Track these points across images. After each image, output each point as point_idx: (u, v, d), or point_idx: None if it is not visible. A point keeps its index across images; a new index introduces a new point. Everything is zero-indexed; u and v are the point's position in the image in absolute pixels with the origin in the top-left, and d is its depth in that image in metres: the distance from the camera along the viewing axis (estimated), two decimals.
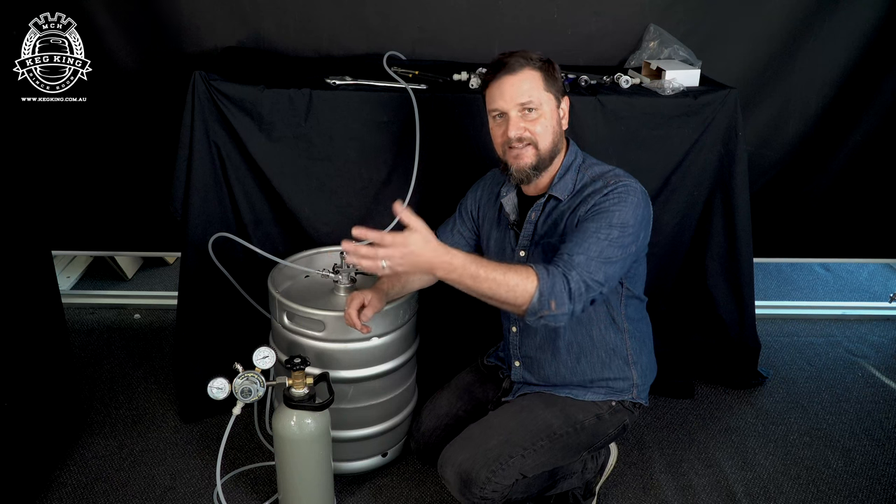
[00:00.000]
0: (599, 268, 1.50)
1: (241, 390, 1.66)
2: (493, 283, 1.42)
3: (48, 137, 2.38)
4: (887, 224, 2.69)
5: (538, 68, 1.60)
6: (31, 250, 1.91)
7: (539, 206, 1.69)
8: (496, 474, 1.59)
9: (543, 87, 1.61)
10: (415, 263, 1.37)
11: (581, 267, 1.48)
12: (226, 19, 2.30)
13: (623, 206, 1.55)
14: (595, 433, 1.73)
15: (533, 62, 1.61)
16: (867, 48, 2.41)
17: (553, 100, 1.63)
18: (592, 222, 1.55)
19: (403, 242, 1.35)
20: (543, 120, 1.61)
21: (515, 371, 1.82)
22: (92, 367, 2.48)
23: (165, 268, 3.21)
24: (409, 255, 1.36)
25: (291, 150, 2.06)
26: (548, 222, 1.67)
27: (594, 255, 1.50)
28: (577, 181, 1.66)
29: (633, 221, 1.56)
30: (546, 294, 1.44)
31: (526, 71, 1.60)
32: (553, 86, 1.63)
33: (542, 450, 1.65)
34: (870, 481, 2.08)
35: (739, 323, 2.38)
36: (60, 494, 1.94)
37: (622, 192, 1.57)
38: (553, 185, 1.67)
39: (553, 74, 1.63)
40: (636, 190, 1.60)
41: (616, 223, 1.54)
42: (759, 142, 2.50)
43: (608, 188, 1.59)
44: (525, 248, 1.71)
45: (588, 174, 1.66)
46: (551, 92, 1.62)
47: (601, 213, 1.56)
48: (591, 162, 1.70)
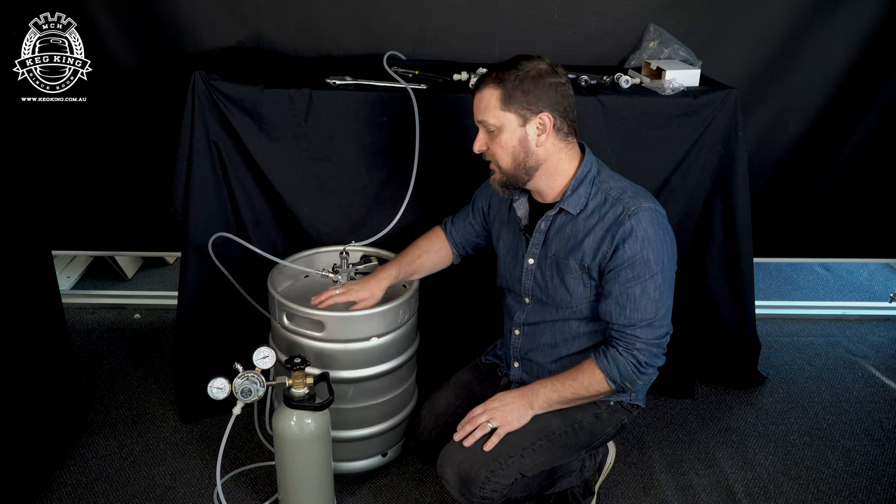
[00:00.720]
0: (662, 322, 1.59)
1: (241, 390, 1.66)
2: (574, 394, 1.64)
3: (48, 137, 2.38)
4: (887, 224, 2.69)
5: (500, 86, 1.54)
6: (31, 250, 1.91)
7: (549, 217, 1.66)
8: (495, 474, 1.59)
9: (500, 106, 1.55)
10: (513, 408, 1.65)
11: (645, 334, 1.57)
12: (226, 19, 2.30)
13: (654, 245, 1.54)
14: (593, 432, 1.73)
15: (495, 80, 1.55)
16: (867, 48, 2.41)
17: (515, 119, 1.55)
18: (636, 280, 1.55)
19: (491, 406, 1.66)
20: (500, 139, 1.58)
21: (514, 371, 1.83)
22: (92, 367, 2.48)
23: (165, 268, 3.21)
24: (505, 408, 1.65)
25: (291, 150, 2.06)
26: (560, 236, 1.65)
27: (651, 315, 1.56)
28: (591, 195, 1.62)
29: (668, 256, 1.57)
30: (618, 381, 1.60)
31: (486, 89, 1.56)
32: (517, 103, 1.54)
33: (541, 449, 1.65)
34: (870, 481, 2.08)
35: (739, 323, 2.38)
36: (60, 494, 1.94)
37: (647, 227, 1.54)
38: (565, 197, 1.62)
39: (522, 89, 1.53)
40: (658, 217, 1.57)
41: (657, 268, 1.55)
42: (759, 142, 2.50)
43: (629, 223, 1.54)
44: (534, 255, 1.69)
45: (603, 190, 1.61)
46: (511, 110, 1.54)
47: (637, 262, 1.54)
48: (607, 175, 1.65)
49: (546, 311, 1.71)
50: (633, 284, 1.55)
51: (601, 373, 1.60)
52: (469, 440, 1.63)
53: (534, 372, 1.78)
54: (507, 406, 1.65)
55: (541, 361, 1.76)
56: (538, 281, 1.69)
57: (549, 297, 1.68)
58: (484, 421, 1.64)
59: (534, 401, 1.65)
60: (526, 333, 1.78)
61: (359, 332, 1.81)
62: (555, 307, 1.68)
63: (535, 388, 1.66)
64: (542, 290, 1.69)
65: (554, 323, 1.70)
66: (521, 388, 1.69)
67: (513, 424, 1.64)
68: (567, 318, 1.68)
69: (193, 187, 2.02)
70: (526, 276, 1.71)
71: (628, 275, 1.56)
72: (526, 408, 1.65)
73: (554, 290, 1.66)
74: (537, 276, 1.69)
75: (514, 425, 1.64)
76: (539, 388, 1.66)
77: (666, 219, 1.61)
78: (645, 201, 1.58)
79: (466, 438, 1.64)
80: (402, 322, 1.89)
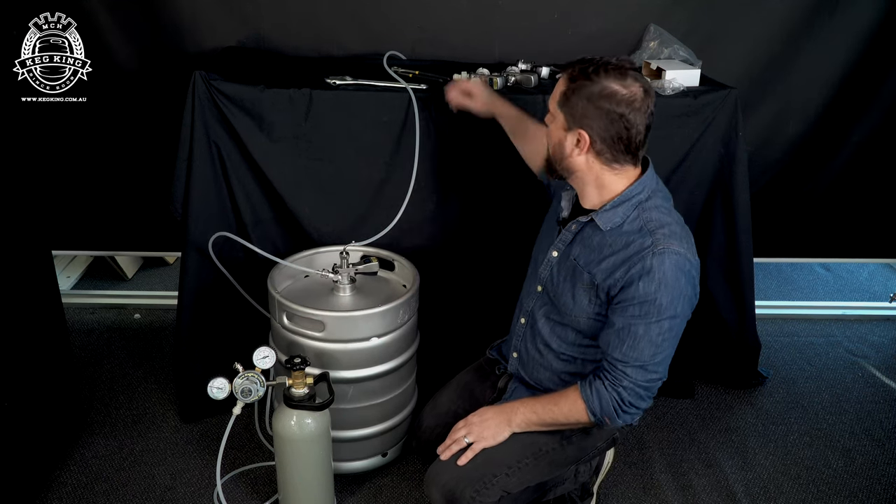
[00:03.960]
0: (657, 367, 1.53)
1: (241, 390, 1.66)
2: (552, 417, 1.63)
3: (48, 137, 2.38)
4: (887, 224, 2.69)
5: (568, 83, 1.49)
6: (31, 250, 1.91)
7: (580, 222, 1.61)
8: (480, 493, 1.58)
9: (558, 100, 1.52)
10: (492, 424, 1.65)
11: (635, 374, 1.52)
12: (226, 19, 2.30)
13: (670, 290, 1.46)
14: (582, 447, 1.72)
15: (570, 75, 1.49)
16: (867, 48, 2.41)
17: (561, 119, 1.52)
18: (642, 319, 1.48)
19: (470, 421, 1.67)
20: (549, 128, 1.57)
21: (512, 362, 1.82)
22: (92, 367, 2.48)
23: (165, 268, 3.21)
24: (478, 426, 1.66)
25: (291, 150, 2.05)
26: (585, 245, 1.60)
27: (647, 358, 1.50)
28: (629, 218, 1.53)
29: (682, 304, 1.49)
30: (597, 412, 1.56)
31: (562, 78, 1.53)
32: (568, 108, 1.49)
33: (527, 468, 1.64)
34: (870, 481, 2.08)
35: (739, 323, 2.38)
36: (60, 494, 1.94)
37: (668, 270, 1.46)
38: (602, 210, 1.55)
39: (576, 99, 1.47)
40: (685, 264, 1.48)
41: (666, 314, 1.47)
42: (759, 142, 2.50)
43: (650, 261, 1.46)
44: (559, 250, 1.66)
45: (643, 218, 1.52)
46: (563, 112, 1.51)
47: (648, 303, 1.47)
48: (656, 204, 1.55)
49: (552, 308, 1.69)
50: (638, 323, 1.49)
51: (583, 403, 1.56)
52: (446, 454, 1.64)
53: (529, 370, 1.77)
54: (484, 422, 1.65)
55: (534, 357, 1.75)
56: (553, 276, 1.67)
57: (555, 298, 1.67)
58: (461, 436, 1.65)
59: (512, 418, 1.65)
60: (530, 324, 1.77)
61: (359, 332, 1.81)
62: (558, 311, 1.67)
63: (515, 407, 1.66)
64: (553, 287, 1.67)
65: (555, 323, 1.69)
66: (502, 404, 1.69)
67: (488, 440, 1.63)
68: (566, 324, 1.67)
69: (193, 187, 2.01)
70: (545, 265, 1.69)
71: (635, 312, 1.49)
72: (503, 425, 1.64)
73: (562, 293, 1.64)
74: (553, 271, 1.67)
75: (489, 441, 1.63)
76: (519, 407, 1.66)
77: (696, 269, 1.52)
78: (678, 245, 1.48)
79: (444, 452, 1.66)
80: (402, 322, 1.88)
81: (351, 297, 1.92)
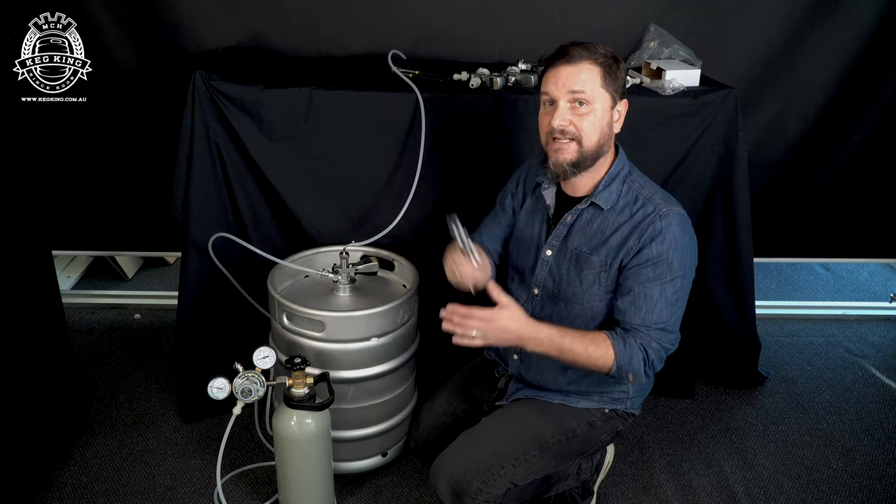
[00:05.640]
0: (674, 329, 1.57)
1: (241, 390, 1.66)
2: (575, 355, 1.53)
3: (48, 137, 2.38)
4: (887, 224, 2.69)
5: (599, 63, 1.52)
6: (31, 250, 1.91)
7: (578, 210, 1.63)
8: (487, 485, 1.58)
9: (601, 82, 1.52)
10: (504, 336, 1.51)
11: (659, 337, 1.55)
12: (226, 19, 2.30)
13: (680, 249, 1.54)
14: (587, 440, 1.72)
15: (595, 56, 1.52)
16: (867, 48, 2.41)
17: (608, 98, 1.54)
18: (656, 281, 1.53)
19: (493, 318, 1.49)
20: (592, 116, 1.53)
21: (513, 364, 1.82)
22: (92, 367, 2.48)
23: (165, 268, 3.21)
24: (499, 330, 1.50)
25: (291, 150, 2.06)
26: (586, 231, 1.63)
27: (665, 318, 1.54)
28: (622, 192, 1.61)
29: (690, 263, 1.57)
30: (624, 367, 1.54)
31: (585, 63, 1.52)
32: (612, 84, 1.54)
33: (533, 459, 1.64)
34: (870, 481, 2.08)
35: (739, 323, 2.38)
36: (60, 494, 1.94)
37: (676, 230, 1.54)
38: (597, 192, 1.61)
39: (615, 73, 1.54)
40: (686, 223, 1.57)
41: (678, 272, 1.54)
42: (759, 142, 2.50)
43: (660, 223, 1.53)
44: (553, 247, 1.67)
45: (634, 189, 1.61)
46: (608, 90, 1.53)
47: (660, 263, 1.53)
48: (638, 175, 1.65)
49: (556, 306, 1.69)
50: (653, 285, 1.54)
51: (613, 353, 1.52)
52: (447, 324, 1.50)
53: (532, 368, 1.77)
54: (503, 331, 1.50)
55: (541, 363, 1.74)
56: (553, 273, 1.67)
57: (561, 291, 1.66)
58: (471, 328, 1.48)
59: (529, 341, 1.52)
60: None
61: (359, 332, 1.81)
62: (565, 302, 1.67)
63: (538, 330, 1.52)
64: (556, 284, 1.67)
65: (561, 321, 1.68)
66: (528, 321, 1.51)
67: (492, 344, 1.52)
68: (576, 315, 1.66)
69: (193, 187, 2.02)
70: (540, 266, 1.70)
71: (649, 274, 1.54)
72: (516, 341, 1.52)
73: (568, 284, 1.64)
74: (553, 269, 1.68)
75: (492, 343, 1.51)
76: (541, 332, 1.52)
77: (691, 225, 1.60)
78: (675, 206, 1.57)
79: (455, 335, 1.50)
80: (402, 322, 1.89)
81: (351, 297, 1.92)
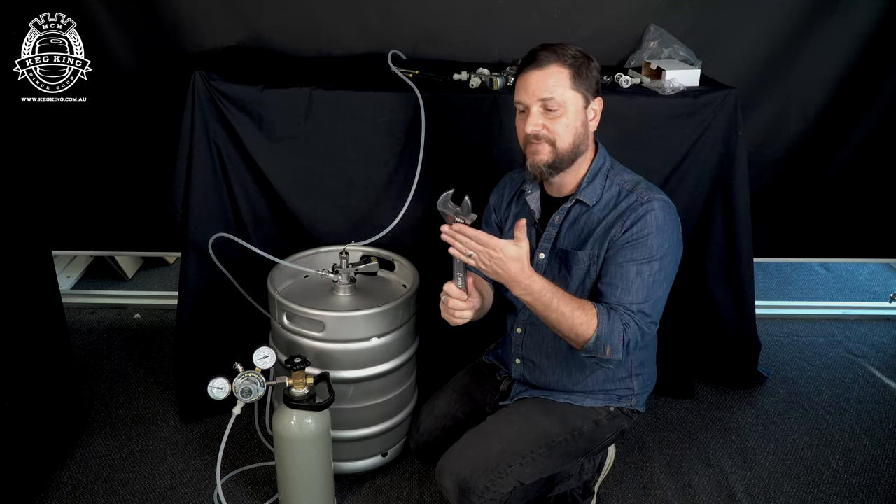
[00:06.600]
0: (651, 312, 1.56)
1: (241, 390, 1.66)
2: (560, 315, 1.50)
3: (48, 137, 2.38)
4: (887, 224, 2.69)
5: (568, 65, 1.54)
6: (31, 250, 1.91)
7: (564, 210, 1.65)
8: (494, 483, 1.58)
9: (570, 84, 1.55)
10: (499, 271, 1.47)
11: (638, 319, 1.53)
12: (226, 19, 2.30)
13: (661, 232, 1.54)
14: (593, 439, 1.72)
15: (563, 58, 1.54)
16: (867, 48, 2.41)
17: (580, 99, 1.57)
18: (633, 262, 1.53)
19: (499, 247, 1.45)
20: (565, 119, 1.55)
21: (516, 368, 1.82)
22: (92, 367, 2.48)
23: (165, 268, 3.21)
24: (498, 261, 1.46)
25: (291, 150, 2.06)
26: (574, 228, 1.64)
27: (641, 300, 1.53)
28: (605, 187, 1.62)
29: (671, 248, 1.57)
30: (603, 339, 1.50)
31: (553, 66, 1.54)
32: (583, 84, 1.56)
33: (541, 458, 1.64)
34: (870, 481, 2.08)
35: (739, 323, 2.38)
36: (60, 494, 1.94)
37: (658, 214, 1.55)
38: (580, 189, 1.62)
39: (586, 72, 1.56)
40: (670, 209, 1.58)
41: (656, 255, 1.54)
42: (759, 141, 2.50)
43: (642, 208, 1.55)
44: (546, 250, 1.68)
45: (617, 182, 1.62)
46: (579, 91, 1.56)
47: (639, 244, 1.54)
48: (620, 168, 1.66)
49: None
50: (629, 265, 1.54)
51: (596, 323, 1.50)
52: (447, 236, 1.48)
53: (535, 371, 1.77)
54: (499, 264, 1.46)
55: (543, 361, 1.75)
56: (547, 276, 1.67)
57: None
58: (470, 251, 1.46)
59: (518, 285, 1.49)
60: (529, 332, 1.77)
61: (359, 332, 1.81)
62: None
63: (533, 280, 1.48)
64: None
65: None
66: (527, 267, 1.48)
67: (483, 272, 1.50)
68: None
69: (193, 187, 2.02)
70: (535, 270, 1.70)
71: (627, 255, 1.54)
72: (507, 281, 1.49)
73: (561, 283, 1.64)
74: (547, 272, 1.68)
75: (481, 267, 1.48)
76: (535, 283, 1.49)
77: (677, 214, 1.61)
78: (659, 194, 1.59)
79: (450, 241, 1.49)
80: (402, 322, 1.88)
81: (351, 297, 1.92)
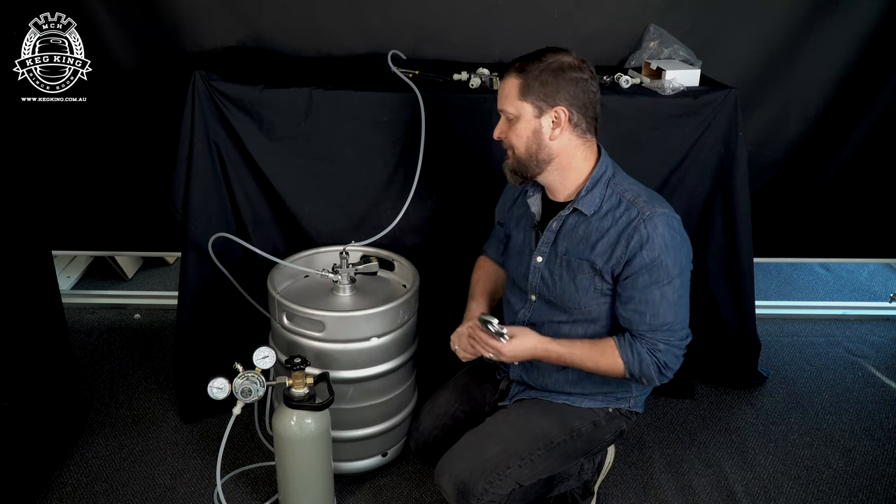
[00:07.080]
0: (682, 327, 1.60)
1: (241, 390, 1.66)
2: (586, 369, 1.62)
3: (48, 137, 2.38)
4: (887, 224, 2.69)
5: (520, 76, 1.54)
6: (31, 250, 1.91)
7: (562, 217, 1.64)
8: (493, 485, 1.58)
9: (518, 95, 1.54)
10: (517, 357, 1.64)
11: (665, 338, 1.57)
12: (226, 19, 2.30)
13: (671, 249, 1.54)
14: (592, 440, 1.72)
15: (518, 69, 1.55)
16: (867, 48, 2.41)
17: (530, 109, 1.55)
18: (655, 285, 1.55)
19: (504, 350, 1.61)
20: (516, 128, 1.57)
21: (514, 369, 1.82)
22: (92, 367, 2.48)
23: (165, 268, 3.21)
24: (511, 354, 1.62)
25: (291, 150, 2.06)
26: (572, 236, 1.63)
27: (671, 319, 1.57)
28: (605, 197, 1.60)
29: (685, 260, 1.58)
30: (636, 374, 1.59)
31: (510, 78, 1.56)
32: (532, 94, 1.53)
33: (539, 459, 1.64)
34: (870, 481, 2.08)
35: (739, 323, 2.38)
36: (60, 494, 1.94)
37: (664, 231, 1.53)
38: (579, 197, 1.61)
39: (539, 82, 1.52)
40: (673, 222, 1.56)
41: (674, 272, 1.55)
42: (759, 141, 2.50)
43: (645, 230, 1.53)
44: (543, 254, 1.67)
45: (618, 192, 1.60)
46: (527, 100, 1.54)
47: (655, 268, 1.54)
48: (622, 177, 1.64)
49: (553, 311, 1.69)
50: (652, 290, 1.55)
51: (622, 363, 1.58)
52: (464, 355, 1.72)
53: (534, 372, 1.77)
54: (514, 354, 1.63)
55: (543, 366, 1.74)
56: (546, 280, 1.68)
57: (556, 298, 1.67)
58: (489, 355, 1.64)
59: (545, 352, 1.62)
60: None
61: (359, 332, 1.81)
62: (563, 309, 1.67)
63: (549, 351, 1.62)
64: (550, 290, 1.67)
65: (560, 325, 1.68)
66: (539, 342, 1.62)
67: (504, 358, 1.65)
68: (576, 319, 1.66)
69: (193, 187, 2.02)
70: (533, 273, 1.70)
71: (646, 280, 1.54)
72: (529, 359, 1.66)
73: (563, 290, 1.65)
74: (545, 275, 1.68)
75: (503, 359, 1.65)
76: (552, 353, 1.62)
77: (681, 224, 1.59)
78: (660, 206, 1.57)
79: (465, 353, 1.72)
80: (402, 322, 1.89)
81: (351, 297, 1.92)
